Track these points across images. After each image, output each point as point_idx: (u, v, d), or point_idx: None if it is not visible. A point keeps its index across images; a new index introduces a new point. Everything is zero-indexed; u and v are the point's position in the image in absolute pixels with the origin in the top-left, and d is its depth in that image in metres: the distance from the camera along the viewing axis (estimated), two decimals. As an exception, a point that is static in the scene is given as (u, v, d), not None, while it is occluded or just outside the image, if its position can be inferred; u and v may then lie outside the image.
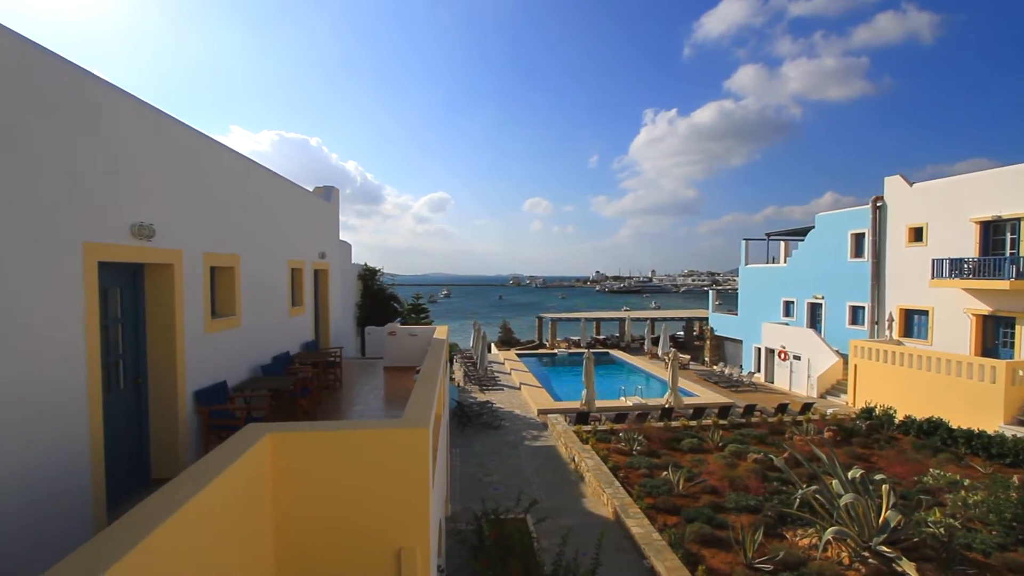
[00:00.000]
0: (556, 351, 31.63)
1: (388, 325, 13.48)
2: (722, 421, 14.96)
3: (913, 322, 20.01)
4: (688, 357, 29.40)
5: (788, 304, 26.36)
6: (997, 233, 17.04)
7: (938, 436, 13.28)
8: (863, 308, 21.89)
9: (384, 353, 12.42)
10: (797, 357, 22.62)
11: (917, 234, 19.55)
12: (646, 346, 31.97)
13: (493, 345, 34.58)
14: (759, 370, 25.71)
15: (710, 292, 35.41)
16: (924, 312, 19.33)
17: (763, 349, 25.53)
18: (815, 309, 24.69)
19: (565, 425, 14.70)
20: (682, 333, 40.45)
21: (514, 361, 26.72)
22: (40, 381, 4.34)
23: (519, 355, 29.24)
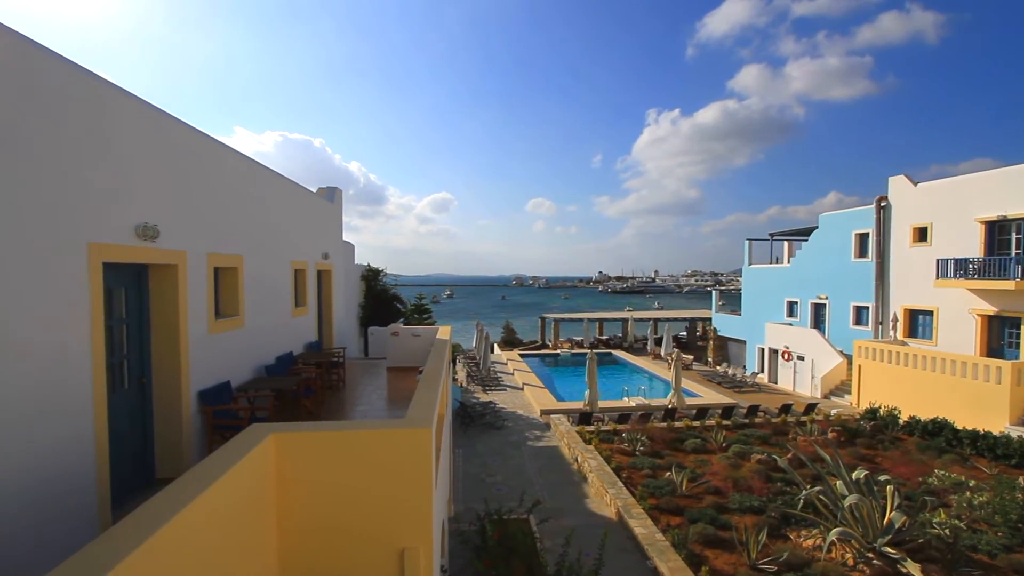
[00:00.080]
0: (559, 351, 31.63)
1: (391, 325, 13.49)
2: (725, 422, 14.93)
3: (918, 322, 19.92)
4: (691, 357, 29.34)
5: (792, 304, 26.28)
6: (1002, 233, 16.95)
7: (943, 437, 13.22)
8: (867, 308, 21.81)
9: (387, 353, 12.45)
10: (801, 357, 22.55)
11: (921, 234, 19.47)
12: (649, 346, 31.91)
13: (496, 345, 34.57)
14: (762, 370, 25.64)
15: (713, 292, 35.37)
16: (929, 312, 19.25)
17: (767, 349, 25.46)
18: (819, 309, 24.60)
19: (568, 425, 14.69)
20: (685, 333, 40.37)
21: (517, 361, 26.72)
22: (45, 381, 4.36)
23: (522, 355, 29.24)
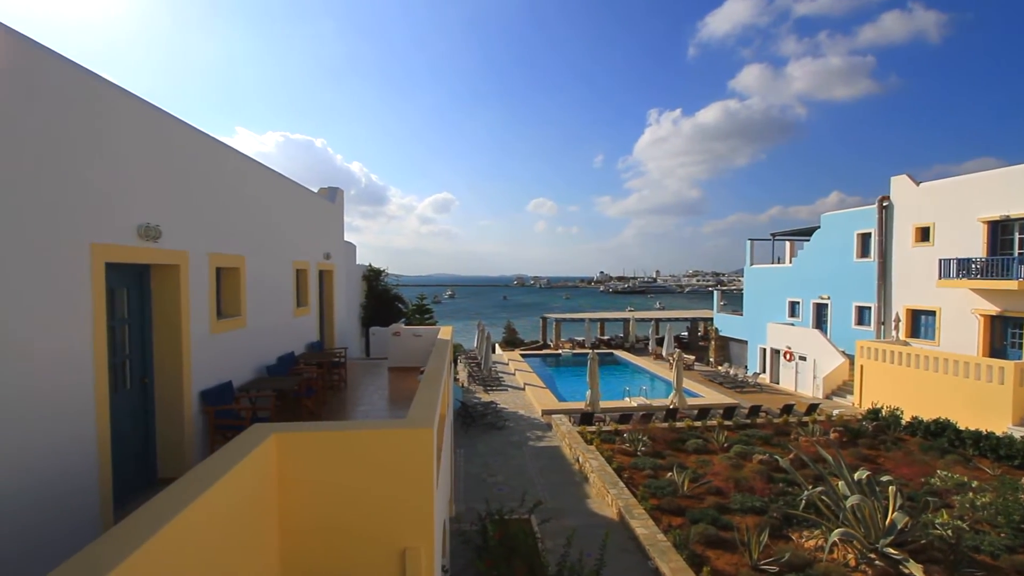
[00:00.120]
0: (560, 352, 31.61)
1: (392, 326, 13.51)
2: (727, 422, 14.91)
3: (920, 322, 19.87)
4: (693, 358, 29.31)
5: (793, 304, 26.23)
6: (1005, 233, 16.90)
7: (945, 437, 13.18)
8: (869, 308, 21.76)
9: (388, 353, 12.46)
10: (803, 358, 22.51)
11: (924, 234, 19.42)
12: (650, 347, 31.88)
13: (497, 346, 34.57)
14: (764, 371, 25.60)
15: (715, 292, 35.31)
16: (931, 312, 19.20)
17: (768, 350, 25.42)
18: (821, 309, 24.55)
19: (569, 426, 14.68)
20: (687, 334, 40.33)
21: (518, 362, 26.71)
22: (48, 381, 4.37)
23: (523, 356, 29.23)
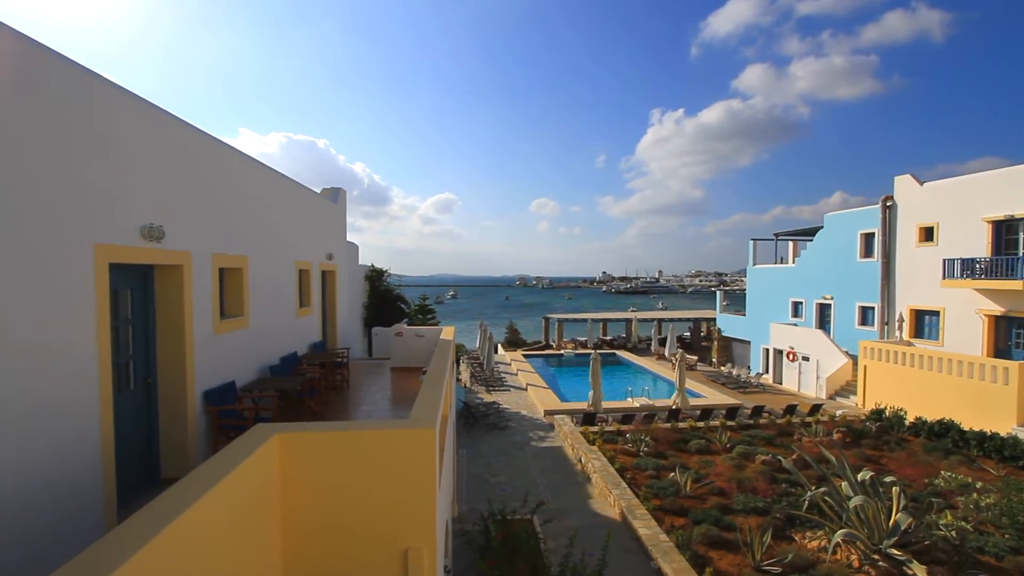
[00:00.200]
0: (563, 352, 31.59)
1: (395, 326, 13.52)
2: (730, 422, 14.87)
3: (924, 323, 19.80)
4: (695, 358, 29.26)
5: (797, 305, 26.17)
6: (1010, 232, 16.83)
7: (949, 438, 13.13)
8: (873, 309, 21.69)
9: (391, 354, 12.47)
10: (806, 358, 22.44)
11: (928, 234, 19.35)
12: (653, 347, 31.84)
13: (499, 346, 34.58)
14: (767, 371, 25.53)
15: (717, 293, 35.19)
16: (935, 313, 19.13)
17: (771, 350, 25.35)
18: (824, 310, 24.49)
19: (572, 426, 14.67)
20: (689, 334, 40.28)
21: (520, 362, 26.70)
22: (51, 382, 4.39)
23: (525, 356, 29.21)
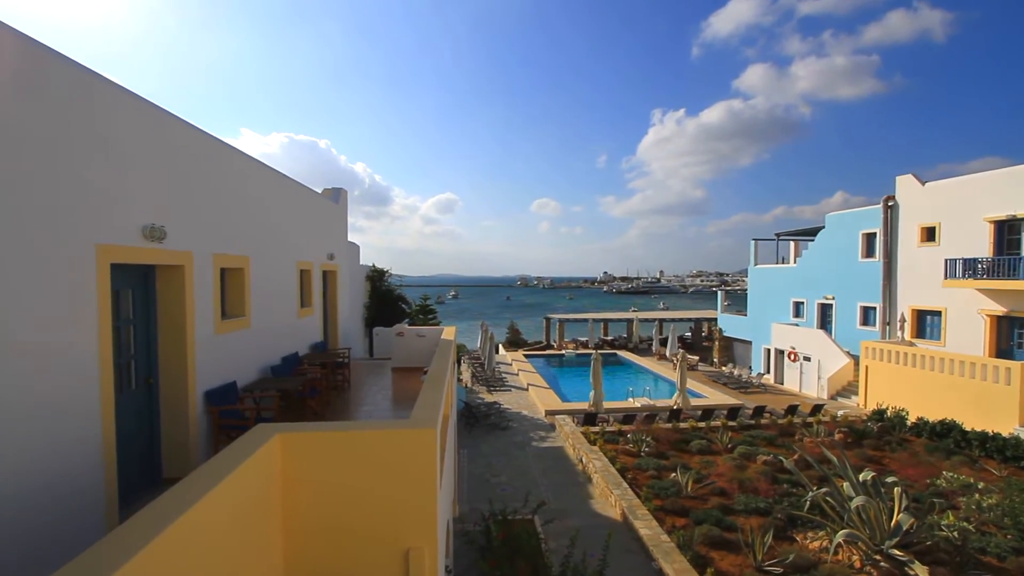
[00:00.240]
0: (564, 352, 31.57)
1: (396, 326, 13.53)
2: (731, 423, 14.85)
3: (925, 323, 19.77)
4: (697, 358, 29.23)
5: (798, 305, 26.13)
6: (1012, 232, 16.79)
7: (951, 438, 13.10)
8: (874, 309, 21.66)
9: (392, 354, 12.48)
10: (807, 358, 22.41)
11: (929, 234, 19.32)
12: (654, 347, 31.82)
13: (501, 346, 34.57)
14: (768, 371, 25.50)
15: (719, 293, 35.14)
16: (937, 313, 19.09)
17: (773, 350, 25.32)
18: (825, 310, 24.46)
19: (573, 426, 14.66)
20: (690, 334, 40.22)
21: (522, 362, 26.70)
22: (53, 382, 4.40)
23: (527, 356, 29.21)
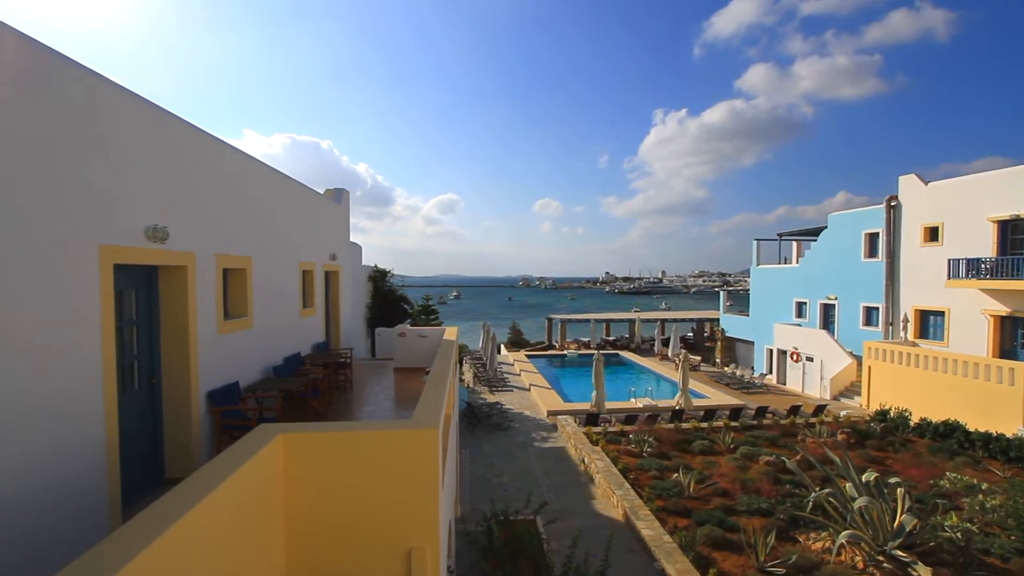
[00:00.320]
0: (566, 352, 31.55)
1: (398, 326, 13.55)
2: (733, 423, 14.82)
3: (929, 323, 19.70)
4: (699, 358, 29.18)
5: (800, 305, 26.08)
6: (1016, 232, 16.72)
7: (955, 439, 13.05)
8: (877, 309, 21.60)
9: (394, 354, 12.49)
10: (810, 358, 22.36)
11: (933, 233, 19.26)
12: (656, 347, 31.78)
13: (503, 346, 34.57)
14: (771, 372, 25.45)
15: (721, 293, 35.08)
16: (940, 313, 19.03)
17: (775, 350, 25.27)
18: (828, 310, 24.39)
19: (575, 426, 14.65)
20: (692, 334, 40.16)
21: (524, 362, 26.69)
22: (57, 382, 4.41)
23: (529, 356, 29.20)
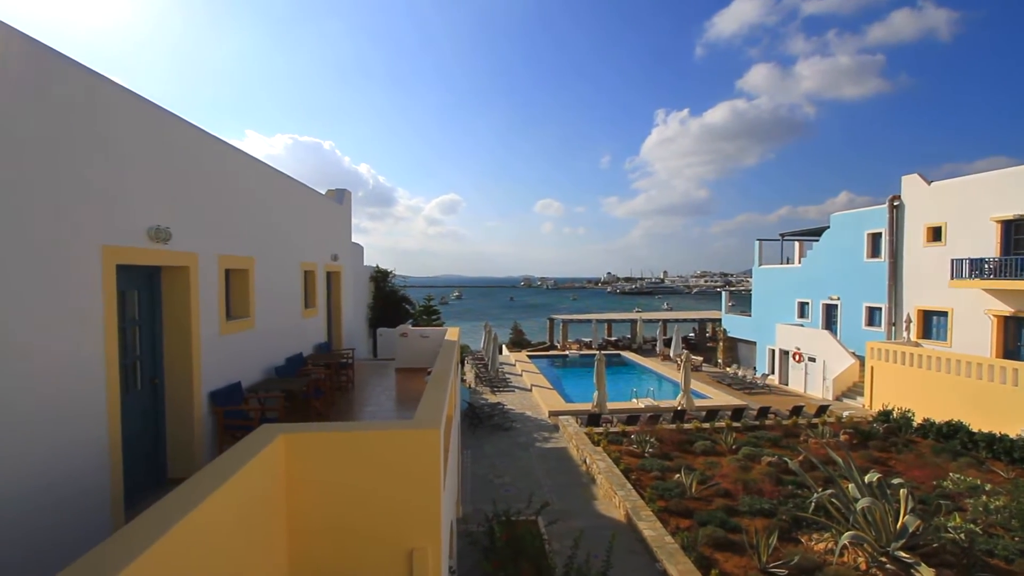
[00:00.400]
0: (567, 353, 31.54)
1: (400, 327, 13.56)
2: (735, 423, 14.80)
3: (932, 323, 19.64)
4: (700, 359, 29.15)
5: (803, 305, 26.03)
6: (1019, 232, 16.67)
7: (958, 440, 13.01)
8: (880, 309, 21.54)
9: (396, 354, 12.50)
10: (812, 359, 22.31)
11: (935, 233, 19.20)
12: (658, 348, 31.75)
13: (504, 347, 34.57)
14: (773, 372, 25.41)
15: (723, 293, 35.06)
16: (943, 313, 18.97)
17: (777, 351, 25.24)
18: (830, 310, 24.34)
19: (576, 427, 14.64)
20: (694, 335, 40.11)
21: (525, 363, 26.69)
22: (60, 383, 4.42)
23: (530, 357, 29.20)
